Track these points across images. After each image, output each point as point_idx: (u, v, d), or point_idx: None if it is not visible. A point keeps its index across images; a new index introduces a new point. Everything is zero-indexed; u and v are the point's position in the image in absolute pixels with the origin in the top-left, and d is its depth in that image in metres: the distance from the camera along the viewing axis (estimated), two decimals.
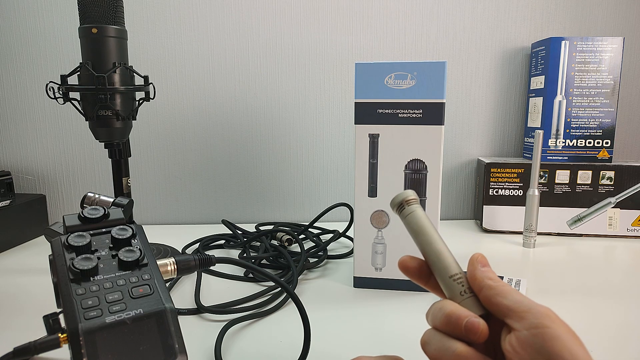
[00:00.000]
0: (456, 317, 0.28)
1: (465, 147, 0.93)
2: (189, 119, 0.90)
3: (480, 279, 0.29)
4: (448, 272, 0.31)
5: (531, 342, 0.25)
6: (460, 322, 0.28)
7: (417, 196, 0.34)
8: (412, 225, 0.33)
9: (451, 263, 0.32)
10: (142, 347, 0.32)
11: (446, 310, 0.29)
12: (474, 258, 0.31)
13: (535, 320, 0.25)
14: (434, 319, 0.29)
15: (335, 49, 0.88)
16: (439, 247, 0.32)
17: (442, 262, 0.32)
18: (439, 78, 0.53)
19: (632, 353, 0.44)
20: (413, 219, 0.33)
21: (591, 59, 0.78)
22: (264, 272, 0.45)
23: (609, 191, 0.79)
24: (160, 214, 0.93)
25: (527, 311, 0.26)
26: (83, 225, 0.39)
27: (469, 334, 0.27)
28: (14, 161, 0.91)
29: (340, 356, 0.44)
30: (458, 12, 0.88)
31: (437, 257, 0.32)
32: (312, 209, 0.94)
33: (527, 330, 0.25)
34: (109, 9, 0.60)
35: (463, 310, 0.28)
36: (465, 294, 0.30)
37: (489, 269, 0.30)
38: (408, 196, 0.34)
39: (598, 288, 0.59)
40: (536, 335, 0.25)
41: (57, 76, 0.87)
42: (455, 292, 0.31)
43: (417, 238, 0.33)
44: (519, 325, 0.26)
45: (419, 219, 0.33)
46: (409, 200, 0.34)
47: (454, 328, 0.28)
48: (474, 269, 0.30)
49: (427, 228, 0.33)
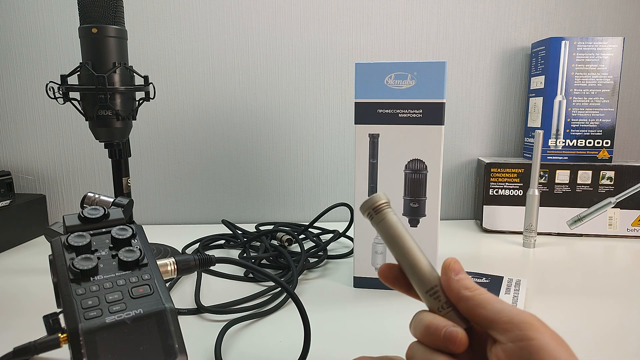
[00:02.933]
0: (434, 327, 0.28)
1: (465, 147, 0.93)
2: (189, 119, 0.90)
3: (456, 290, 0.28)
4: (424, 286, 0.30)
5: (518, 355, 0.25)
6: (439, 333, 0.27)
7: (388, 199, 0.32)
8: (384, 233, 0.31)
9: (426, 276, 0.30)
10: (142, 347, 0.32)
11: (425, 321, 0.28)
12: (445, 265, 0.29)
13: (519, 332, 0.25)
14: (415, 330, 0.29)
15: (335, 49, 0.88)
16: (412, 258, 0.30)
17: (416, 276, 0.30)
18: (439, 78, 0.53)
19: (632, 353, 0.44)
20: (384, 227, 0.31)
21: (591, 59, 0.78)
22: (264, 272, 0.45)
23: (609, 191, 0.79)
24: (160, 214, 0.93)
25: (509, 322, 0.26)
26: (83, 225, 0.39)
27: (448, 343, 0.27)
28: (14, 161, 0.91)
29: (340, 356, 0.44)
30: (458, 12, 0.88)
31: (411, 270, 0.30)
32: (312, 209, 0.94)
33: (513, 342, 0.25)
34: (109, 9, 0.60)
35: (441, 321, 0.28)
36: (443, 309, 0.29)
37: (462, 275, 0.29)
38: (377, 201, 0.32)
39: (598, 288, 0.59)
40: (522, 348, 0.25)
41: (57, 76, 0.87)
42: (434, 307, 0.30)
43: (390, 247, 0.31)
44: (504, 337, 0.26)
45: (390, 227, 0.31)
46: (379, 205, 0.32)
47: (434, 339, 0.28)
48: (448, 278, 0.29)
49: (400, 237, 0.31)
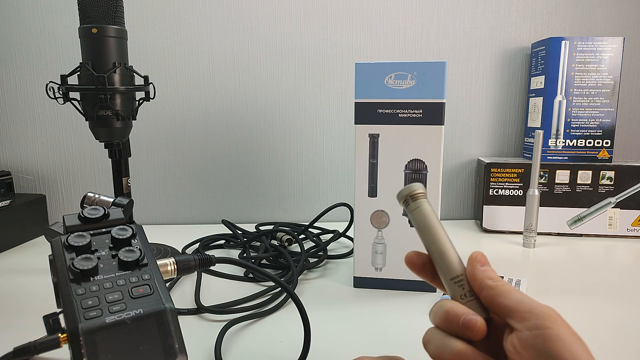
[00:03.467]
0: (454, 314, 0.28)
1: (465, 147, 0.93)
2: (189, 119, 0.90)
3: (480, 279, 0.29)
4: (450, 274, 0.31)
5: (532, 342, 0.25)
6: (458, 319, 0.28)
7: (424, 190, 0.33)
8: (418, 221, 0.32)
9: (453, 264, 0.31)
10: (142, 347, 0.32)
11: (445, 307, 0.29)
12: (472, 257, 0.30)
13: (537, 321, 0.25)
14: (435, 316, 0.30)
15: (335, 49, 0.88)
16: (442, 246, 0.31)
17: (444, 263, 0.31)
18: (439, 78, 0.53)
19: (632, 353, 0.44)
20: (418, 215, 0.32)
21: (591, 59, 0.78)
22: (264, 272, 0.45)
23: (609, 191, 0.79)
24: (160, 214, 0.93)
25: (529, 311, 0.26)
26: (83, 225, 0.39)
27: (466, 330, 0.27)
28: (14, 161, 0.91)
29: (340, 356, 0.44)
30: (458, 12, 0.88)
31: (440, 258, 0.31)
32: (312, 209, 0.94)
33: (529, 330, 0.25)
34: (109, 9, 0.60)
35: (461, 308, 0.29)
36: (465, 297, 0.30)
37: (488, 267, 0.30)
38: (415, 190, 0.33)
39: (598, 288, 0.59)
40: (537, 336, 0.25)
41: (57, 76, 0.87)
42: (457, 295, 0.30)
43: (421, 235, 0.32)
44: (521, 325, 0.26)
45: (425, 216, 0.32)
46: (416, 194, 0.33)
47: (452, 325, 0.28)
48: (473, 268, 0.30)
49: (432, 226, 0.32)
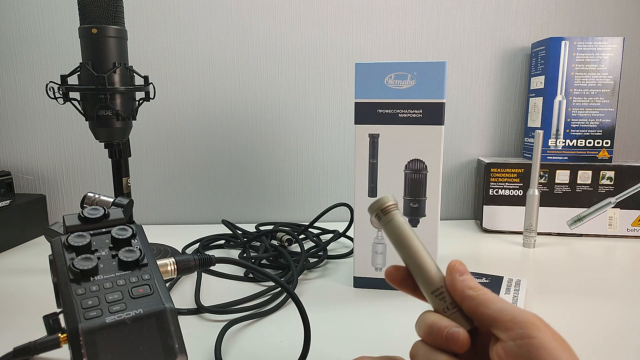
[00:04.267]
0: (437, 327, 0.28)
1: (465, 147, 0.93)
2: (189, 119, 0.90)
3: (460, 290, 0.29)
4: (430, 287, 0.30)
5: (517, 353, 0.25)
6: (441, 333, 0.28)
7: (396, 201, 0.33)
8: (391, 235, 0.32)
9: (432, 277, 0.30)
10: (142, 347, 0.32)
11: (428, 320, 0.29)
12: (451, 267, 0.30)
13: (520, 330, 0.25)
14: (419, 329, 0.30)
15: (335, 49, 0.88)
16: (419, 260, 0.31)
17: (423, 277, 0.31)
18: (439, 78, 0.53)
19: (632, 353, 0.44)
20: (392, 228, 0.32)
21: (591, 59, 0.78)
22: (264, 272, 0.45)
23: (609, 191, 0.79)
24: (160, 214, 0.93)
25: (511, 320, 0.26)
26: (83, 225, 0.39)
27: (450, 343, 0.28)
28: (14, 161, 0.91)
29: (340, 356, 0.44)
30: (458, 12, 0.88)
31: (418, 271, 0.31)
32: (312, 209, 0.94)
33: (513, 340, 0.25)
34: (109, 9, 0.60)
35: (444, 321, 0.29)
36: (448, 310, 0.30)
37: (468, 276, 0.30)
38: (385, 203, 0.32)
39: (598, 288, 0.59)
40: (522, 346, 0.25)
41: (57, 76, 0.87)
42: (439, 308, 0.30)
43: (397, 249, 0.32)
44: (505, 335, 0.26)
45: (398, 228, 0.32)
46: (387, 207, 0.32)
47: (436, 338, 0.28)
48: (453, 279, 0.30)
49: (406, 239, 0.31)
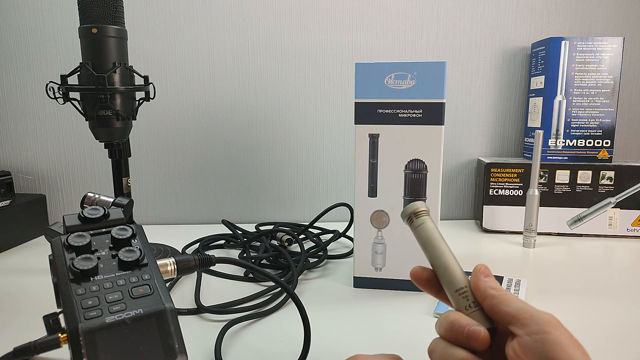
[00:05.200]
0: (459, 324, 0.29)
1: (465, 147, 0.93)
2: (189, 119, 0.90)
3: (483, 289, 0.31)
4: (454, 286, 0.32)
5: (532, 347, 0.26)
6: (462, 330, 0.29)
7: (427, 207, 0.35)
8: (421, 237, 0.34)
9: (457, 277, 0.32)
10: (142, 347, 0.32)
11: (450, 318, 0.30)
12: (477, 269, 0.32)
13: (537, 326, 0.26)
14: (440, 327, 0.31)
15: (335, 49, 0.88)
16: (445, 260, 0.33)
17: (448, 276, 0.32)
18: (439, 78, 0.53)
19: (632, 353, 0.44)
20: (422, 232, 0.34)
21: (591, 59, 0.78)
22: (264, 272, 0.45)
23: (609, 191, 0.79)
24: (160, 214, 0.93)
25: (529, 318, 0.27)
26: (83, 225, 0.39)
27: (470, 340, 0.29)
28: (14, 161, 0.91)
29: (340, 356, 0.44)
30: (458, 12, 0.88)
31: (444, 271, 0.33)
32: (312, 209, 0.94)
33: (529, 335, 0.26)
34: (109, 9, 0.60)
35: (466, 319, 0.30)
36: (470, 308, 0.31)
37: (491, 278, 0.31)
38: (418, 208, 0.34)
39: (598, 288, 0.59)
40: (537, 341, 0.26)
41: (57, 76, 0.87)
42: (461, 306, 0.31)
43: (425, 251, 0.34)
44: (522, 331, 0.27)
45: (428, 232, 0.34)
46: (419, 212, 0.34)
47: (457, 335, 0.29)
48: (477, 279, 0.31)
49: (436, 241, 0.33)
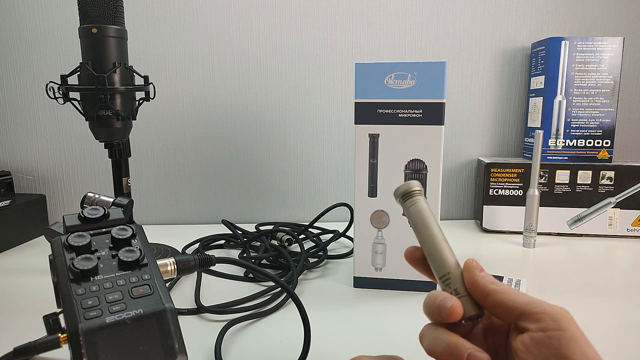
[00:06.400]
0: (433, 298, 0.29)
1: (465, 147, 0.93)
2: (189, 119, 0.90)
3: (483, 285, 0.29)
4: (438, 272, 0.31)
5: (548, 343, 0.25)
6: (434, 302, 0.29)
7: (421, 188, 0.33)
8: (412, 218, 0.32)
9: (441, 262, 0.31)
10: (142, 347, 0.32)
11: (427, 295, 0.30)
12: (469, 264, 0.30)
13: (552, 322, 0.26)
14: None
15: (335, 49, 0.88)
16: (432, 244, 0.31)
17: (433, 261, 0.31)
18: (439, 78, 0.53)
19: (633, 353, 0.44)
20: (414, 212, 0.32)
21: (591, 59, 0.78)
22: (264, 272, 0.45)
23: (609, 191, 0.79)
24: (160, 214, 0.93)
25: (543, 312, 0.26)
26: (83, 225, 0.39)
27: (441, 312, 0.28)
28: (14, 161, 0.91)
29: (340, 356, 0.44)
30: (458, 12, 0.88)
31: (429, 255, 0.31)
32: (312, 209, 0.94)
33: (543, 332, 0.26)
34: (109, 9, 0.60)
35: (439, 293, 0.29)
36: (456, 294, 0.30)
37: (485, 273, 0.30)
38: (412, 187, 0.33)
39: (598, 288, 0.59)
40: (552, 337, 0.25)
41: (57, 76, 0.87)
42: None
43: (416, 232, 0.32)
44: (535, 326, 0.26)
45: (419, 213, 0.32)
46: (413, 191, 0.33)
47: (431, 310, 0.29)
48: (473, 275, 0.30)
49: (426, 223, 0.32)
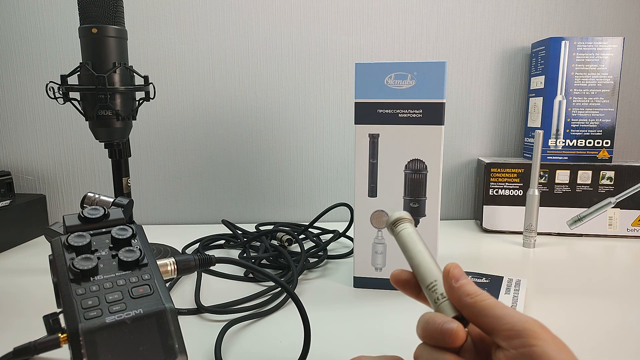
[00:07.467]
0: (432, 323, 0.29)
1: (465, 147, 0.93)
2: (189, 119, 0.90)
3: (457, 298, 0.29)
4: (424, 282, 0.32)
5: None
6: (436, 328, 0.28)
7: (409, 216, 0.36)
8: (400, 242, 0.35)
9: (427, 273, 0.32)
10: (142, 347, 0.32)
11: (423, 319, 0.29)
12: (445, 273, 0.30)
13: (520, 339, 0.26)
14: (418, 329, 0.30)
15: (335, 49, 0.88)
16: (418, 260, 0.33)
17: (420, 274, 0.33)
18: (439, 78, 0.53)
19: (632, 353, 0.44)
20: (400, 238, 0.35)
21: (591, 59, 0.78)
22: (264, 272, 0.45)
23: (609, 191, 0.79)
24: (160, 214, 0.93)
25: (511, 329, 0.26)
26: (83, 225, 0.39)
27: (445, 338, 0.28)
28: (14, 161, 0.91)
29: (340, 356, 0.44)
30: (458, 12, 0.88)
31: (417, 270, 0.33)
32: (312, 209, 0.94)
33: (515, 349, 0.26)
34: (109, 9, 0.60)
35: (438, 316, 0.29)
36: (439, 300, 0.31)
37: (463, 281, 0.30)
38: (396, 217, 0.36)
39: (598, 288, 0.59)
40: (524, 355, 0.25)
41: (57, 76, 0.87)
42: (432, 300, 0.31)
43: (404, 252, 0.35)
44: (506, 344, 0.26)
45: (405, 236, 0.35)
46: (397, 220, 0.36)
47: (432, 335, 0.28)
48: (449, 286, 0.30)
49: (411, 243, 0.34)
